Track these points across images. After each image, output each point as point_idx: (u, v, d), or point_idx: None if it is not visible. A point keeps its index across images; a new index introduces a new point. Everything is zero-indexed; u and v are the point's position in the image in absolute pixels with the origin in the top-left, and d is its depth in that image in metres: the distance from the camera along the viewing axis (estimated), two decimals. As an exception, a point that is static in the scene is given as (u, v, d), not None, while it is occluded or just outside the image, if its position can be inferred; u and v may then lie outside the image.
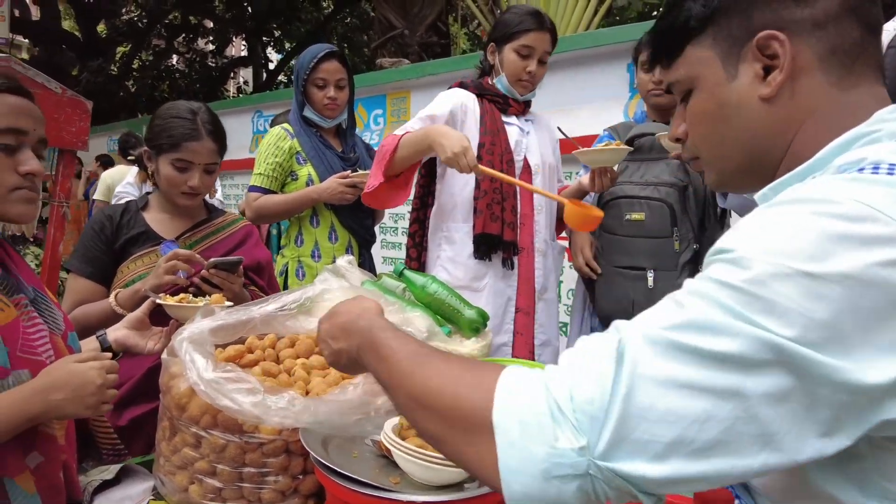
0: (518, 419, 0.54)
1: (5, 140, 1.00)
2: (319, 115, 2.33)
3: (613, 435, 0.51)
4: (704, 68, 0.72)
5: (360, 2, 13.18)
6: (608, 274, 2.02)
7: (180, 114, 1.59)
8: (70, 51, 11.92)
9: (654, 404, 0.50)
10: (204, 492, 0.99)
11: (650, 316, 0.57)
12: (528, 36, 1.96)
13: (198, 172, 1.59)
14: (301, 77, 2.30)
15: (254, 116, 6.36)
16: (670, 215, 1.89)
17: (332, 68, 2.29)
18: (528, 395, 0.55)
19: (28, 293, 1.09)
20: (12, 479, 0.97)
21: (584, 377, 0.54)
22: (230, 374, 0.89)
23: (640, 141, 2.02)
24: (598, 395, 0.52)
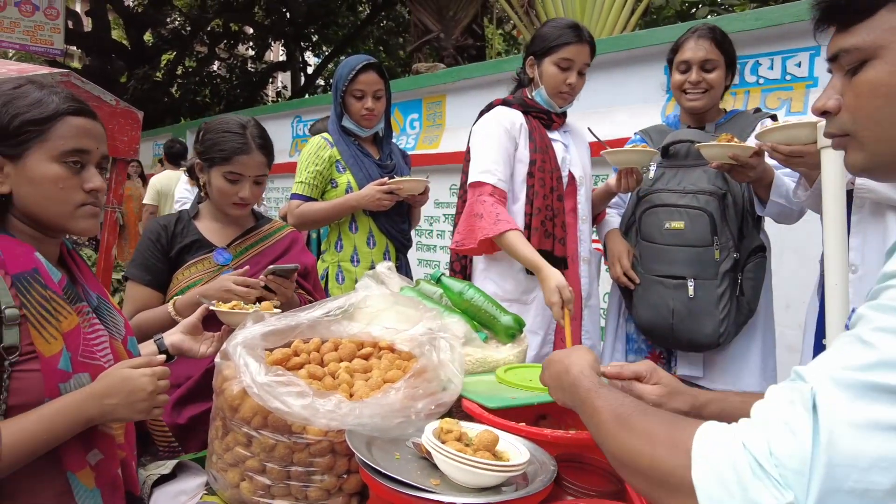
0: (718, 479, 0.54)
1: (73, 159, 1.07)
2: (357, 125, 2.40)
3: (823, 487, 0.49)
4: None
5: (395, 6, 13.31)
6: (647, 283, 1.98)
7: (231, 128, 1.67)
8: (118, 59, 12.38)
9: (861, 451, 0.48)
10: (254, 488, 1.05)
11: (835, 358, 0.54)
12: (567, 49, 1.99)
13: (248, 184, 1.67)
14: (340, 88, 2.36)
15: (293, 121, 6.50)
16: (710, 224, 1.86)
17: (370, 80, 2.34)
18: (725, 454, 0.54)
19: (91, 301, 1.16)
20: (75, 474, 1.04)
21: (780, 431, 0.52)
22: (281, 377, 0.94)
23: (675, 147, 2.00)
24: (798, 449, 0.50)
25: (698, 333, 1.87)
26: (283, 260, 1.75)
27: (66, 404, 1.00)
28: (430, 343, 1.21)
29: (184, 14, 13.85)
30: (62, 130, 1.05)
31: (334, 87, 2.42)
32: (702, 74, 1.97)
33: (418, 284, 1.72)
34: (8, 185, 1.04)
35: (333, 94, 2.43)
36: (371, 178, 2.37)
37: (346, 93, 2.35)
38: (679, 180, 1.96)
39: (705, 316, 1.86)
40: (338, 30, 14.32)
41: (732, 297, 1.87)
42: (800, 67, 3.13)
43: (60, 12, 8.29)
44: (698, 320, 1.87)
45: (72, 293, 1.10)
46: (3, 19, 8.00)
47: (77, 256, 1.23)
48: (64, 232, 1.10)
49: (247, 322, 1.13)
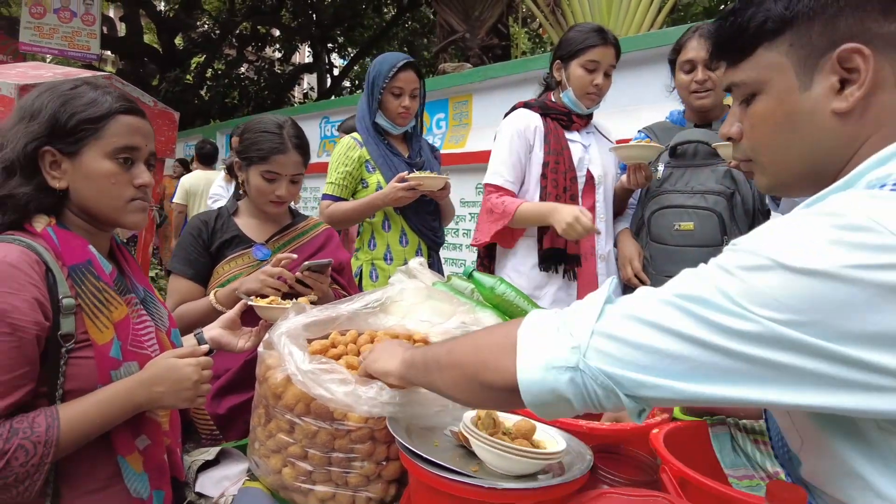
0: (534, 334, 0.71)
1: (124, 156, 1.12)
2: (391, 123, 2.41)
3: (596, 344, 0.65)
4: (776, 74, 0.70)
5: (420, 7, 13.37)
6: (657, 283, 1.94)
7: (268, 128, 1.72)
8: (151, 63, 12.67)
9: (634, 334, 0.63)
10: (296, 474, 1.08)
11: (641, 292, 0.68)
12: (593, 51, 2.07)
13: (284, 183, 1.72)
14: (379, 85, 2.35)
15: (321, 122, 6.59)
16: (720, 224, 1.87)
17: (410, 78, 2.35)
18: (545, 319, 0.72)
19: (139, 293, 1.21)
20: (125, 458, 1.09)
21: (584, 304, 0.69)
22: (325, 365, 0.97)
23: (682, 147, 1.99)
24: (591, 314, 0.67)
25: None
26: (318, 256, 1.79)
27: (118, 391, 1.05)
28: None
29: (213, 17, 14.11)
30: (115, 128, 1.10)
31: (370, 84, 2.40)
32: (707, 73, 1.97)
33: (450, 280, 1.74)
34: (65, 180, 1.09)
35: (368, 90, 2.42)
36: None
37: (384, 90, 2.34)
38: (687, 180, 1.97)
39: None
40: (363, 31, 14.44)
41: None
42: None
43: (97, 18, 8.53)
44: None
45: (121, 285, 1.15)
46: (43, 26, 8.26)
47: (125, 250, 1.28)
48: (116, 225, 1.15)
49: (289, 313, 1.17)
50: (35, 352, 0.99)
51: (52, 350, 1.01)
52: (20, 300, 0.97)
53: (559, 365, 0.66)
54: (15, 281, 0.97)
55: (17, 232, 1.05)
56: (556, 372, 0.66)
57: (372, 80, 2.40)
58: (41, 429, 0.96)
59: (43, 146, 1.07)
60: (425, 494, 0.92)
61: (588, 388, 0.65)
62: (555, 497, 0.89)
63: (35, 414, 0.98)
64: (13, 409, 0.96)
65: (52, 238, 1.05)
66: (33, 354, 0.99)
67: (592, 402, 0.66)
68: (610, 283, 0.73)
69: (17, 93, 2.53)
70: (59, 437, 0.97)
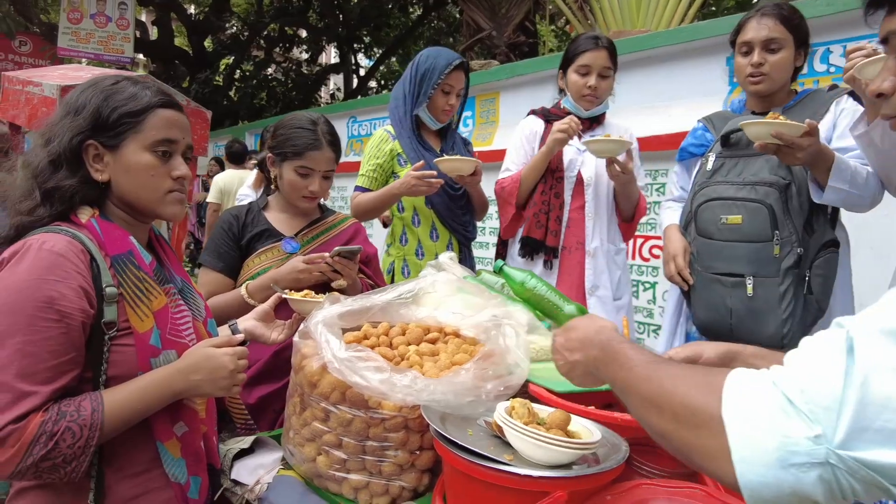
0: (748, 415, 0.55)
1: (162, 149, 1.14)
2: (433, 118, 2.40)
3: (852, 423, 0.50)
4: None
5: (446, 5, 13.38)
6: (704, 280, 1.89)
7: (303, 125, 1.74)
8: (181, 65, 12.93)
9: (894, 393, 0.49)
10: (330, 462, 1.10)
11: (879, 310, 0.55)
12: (584, 56, 2.25)
13: (317, 178, 1.75)
14: (433, 80, 2.31)
15: (348, 121, 6.64)
16: (770, 217, 1.75)
17: (460, 77, 2.36)
18: (756, 391, 0.56)
19: (177, 283, 1.24)
20: (163, 444, 1.12)
21: (813, 370, 0.54)
22: (361, 353, 0.98)
23: (735, 136, 1.87)
24: (830, 386, 0.52)
25: (760, 334, 1.76)
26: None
27: (157, 378, 1.08)
28: (496, 329, 1.23)
29: (241, 19, 14.33)
30: (153, 121, 1.13)
31: (419, 76, 2.35)
32: (764, 55, 1.85)
33: (479, 275, 1.74)
34: (107, 173, 1.12)
35: (414, 82, 2.37)
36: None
37: (437, 86, 2.32)
38: (739, 171, 1.85)
39: (767, 315, 1.76)
40: (389, 31, 14.51)
41: (798, 296, 1.75)
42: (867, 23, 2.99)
43: (131, 23, 8.74)
44: (759, 320, 1.77)
45: (160, 275, 1.18)
46: (80, 31, 8.49)
47: (164, 242, 1.31)
48: (154, 216, 1.18)
49: (325, 303, 1.18)
50: (81, 338, 1.02)
51: (96, 337, 1.04)
52: (67, 288, 1.00)
53: (800, 462, 0.52)
54: (62, 269, 1.00)
55: (63, 223, 1.09)
56: (796, 470, 0.52)
57: (422, 73, 2.35)
58: (87, 412, 0.99)
59: (87, 140, 1.10)
60: (459, 482, 0.92)
61: (842, 484, 0.52)
62: (589, 487, 0.89)
63: (81, 398, 1.01)
64: (61, 392, 1.00)
65: (96, 229, 1.08)
66: (80, 341, 1.02)
67: (845, 496, 0.53)
68: (841, 335, 0.55)
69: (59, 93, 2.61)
70: (103, 421, 1.00)
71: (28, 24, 8.93)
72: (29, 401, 0.96)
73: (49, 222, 1.08)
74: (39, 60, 10.20)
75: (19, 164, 1.14)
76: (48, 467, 0.97)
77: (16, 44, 9.95)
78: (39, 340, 0.97)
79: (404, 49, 15.14)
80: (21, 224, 1.07)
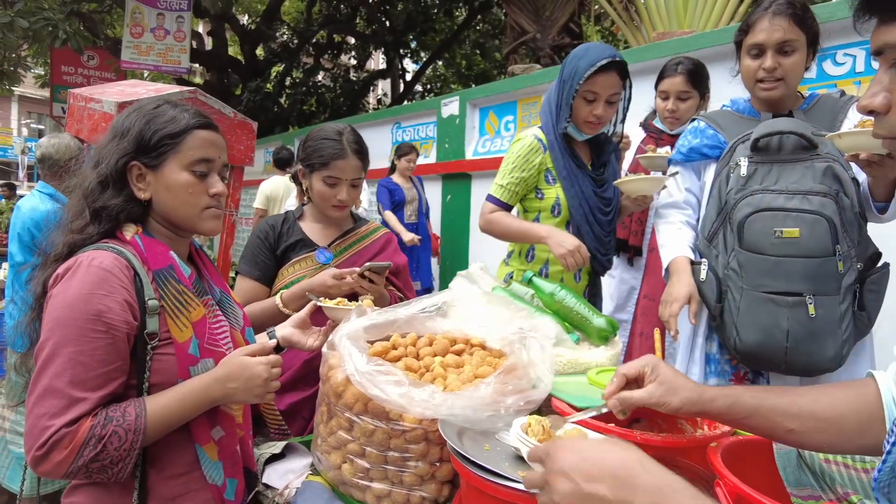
0: None
1: (199, 168, 1.21)
2: (578, 131, 2.07)
3: None
4: None
5: (491, 8, 13.38)
6: (753, 300, 1.70)
7: (328, 136, 1.81)
8: (234, 73, 13.38)
9: None
10: (354, 471, 1.13)
11: None
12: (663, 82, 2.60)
13: (345, 187, 1.80)
14: (572, 87, 1.96)
15: (392, 127, 6.75)
16: (830, 230, 1.60)
17: (609, 82, 1.95)
18: None
19: (215, 294, 1.30)
20: (202, 447, 1.18)
21: None
22: (381, 367, 1.01)
23: (765, 140, 1.72)
24: None
25: (819, 357, 1.63)
26: (377, 259, 1.87)
27: (195, 386, 1.14)
28: (521, 342, 1.24)
29: (291, 28, 14.72)
30: (192, 142, 1.20)
31: (562, 84, 2.03)
32: (778, 59, 1.72)
33: (510, 285, 1.76)
34: (149, 191, 1.19)
35: (558, 88, 2.05)
36: (584, 196, 2.05)
37: (577, 94, 1.96)
38: (775, 178, 1.68)
39: (827, 337, 1.62)
40: (435, 36, 14.61)
41: (853, 314, 1.65)
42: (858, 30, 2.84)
43: (187, 35, 9.11)
44: (819, 342, 1.62)
45: (199, 287, 1.24)
46: (141, 44, 8.92)
47: (203, 255, 1.38)
48: (193, 232, 1.25)
49: (351, 316, 1.22)
50: (126, 348, 1.09)
51: (140, 347, 1.12)
52: (114, 302, 1.07)
53: None
54: (109, 284, 1.08)
55: (110, 240, 1.17)
56: None
57: (563, 78, 2.02)
58: (131, 417, 1.06)
59: (131, 161, 1.18)
60: (475, 497, 0.94)
61: None
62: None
63: (126, 404, 1.08)
64: (109, 398, 1.07)
65: (139, 245, 1.16)
66: (125, 350, 1.09)
67: None
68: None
69: (116, 109, 2.76)
70: (146, 425, 1.07)
71: (95, 40, 9.44)
72: (80, 406, 1.03)
73: (98, 239, 1.16)
74: (105, 73, 10.76)
75: (71, 185, 1.23)
76: (97, 468, 1.04)
77: (84, 58, 10.53)
78: (89, 350, 1.05)
79: (450, 53, 15.21)
80: (73, 242, 1.16)
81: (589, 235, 2.06)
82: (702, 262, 1.85)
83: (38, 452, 1.01)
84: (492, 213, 2.14)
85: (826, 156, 1.66)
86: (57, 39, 7.65)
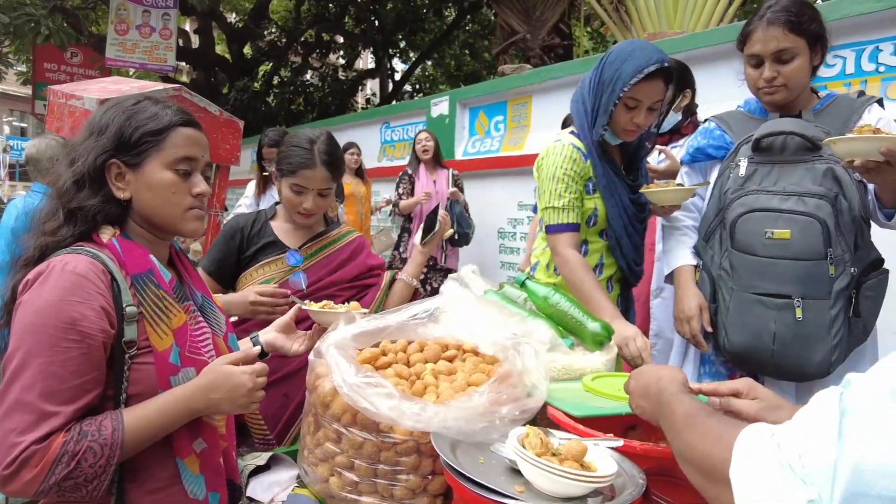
0: (751, 475, 0.58)
1: (183, 167, 1.16)
2: (614, 135, 1.92)
3: (848, 489, 0.49)
4: None
5: (481, 9, 13.36)
6: (741, 301, 1.70)
7: (300, 143, 1.78)
8: (221, 72, 13.26)
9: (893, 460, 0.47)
10: (343, 484, 1.08)
11: (883, 368, 0.53)
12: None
13: (311, 196, 1.77)
14: (615, 93, 1.80)
15: (381, 127, 6.69)
16: (823, 233, 1.58)
17: (654, 90, 1.80)
18: (760, 452, 0.58)
19: (197, 300, 1.25)
20: (182, 460, 1.13)
21: (810, 432, 0.55)
22: (370, 379, 0.97)
23: (768, 141, 1.70)
24: (823, 450, 0.52)
25: (807, 361, 1.62)
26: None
27: (177, 396, 1.09)
28: (515, 348, 1.20)
29: (280, 26, 14.60)
30: (175, 140, 1.15)
31: (599, 85, 1.87)
32: (776, 68, 1.71)
33: (502, 288, 1.71)
34: (129, 191, 1.14)
35: (595, 90, 1.89)
36: (622, 206, 1.92)
37: (619, 101, 1.81)
38: (775, 179, 1.67)
39: (816, 342, 1.61)
40: (424, 35, 14.57)
41: (845, 320, 1.61)
42: None
43: (173, 32, 9.01)
44: (807, 346, 1.61)
45: (180, 292, 1.19)
46: (126, 42, 8.81)
47: (184, 258, 1.32)
48: (175, 233, 1.19)
49: (339, 323, 1.17)
50: (102, 358, 1.04)
51: (117, 356, 1.06)
52: (89, 309, 1.02)
53: None
54: (84, 290, 1.02)
55: (85, 243, 1.11)
56: None
57: (602, 81, 1.86)
58: (108, 432, 1.00)
59: (110, 159, 1.12)
60: (470, 513, 0.90)
61: None
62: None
63: (102, 417, 1.02)
64: (83, 411, 1.01)
65: (117, 248, 1.10)
66: (101, 360, 1.04)
67: None
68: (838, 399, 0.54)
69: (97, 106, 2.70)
70: (123, 440, 1.01)
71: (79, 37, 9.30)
72: (52, 421, 0.97)
73: (72, 242, 1.10)
74: (89, 71, 10.61)
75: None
76: (70, 486, 0.98)
77: (68, 55, 10.38)
78: (62, 361, 0.99)
79: (439, 53, 15.17)
80: (45, 245, 1.10)
81: (627, 246, 1.95)
82: (699, 264, 1.84)
83: (5, 471, 0.95)
84: (568, 251, 1.88)
85: (829, 157, 1.62)
86: (39, 35, 7.53)
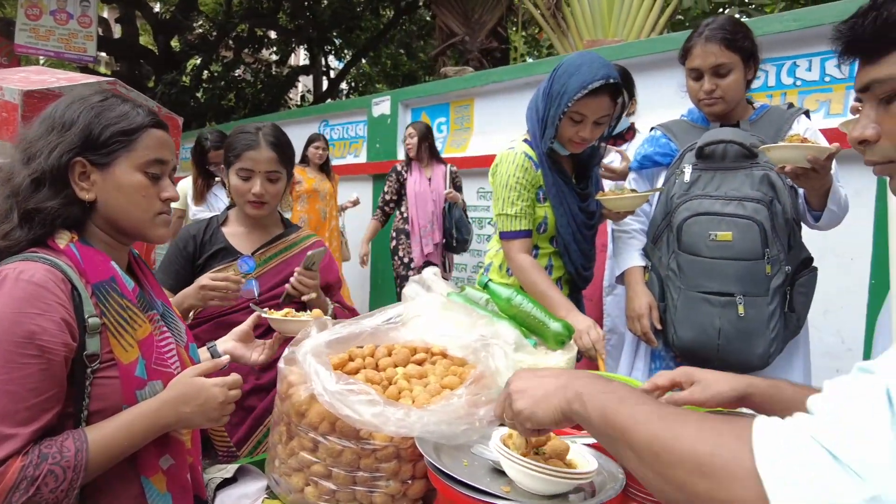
0: (787, 471, 0.51)
1: (153, 170, 1.11)
2: (562, 146, 1.94)
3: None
4: None
5: (419, 9, 13.36)
6: (689, 299, 1.81)
7: (245, 129, 1.75)
8: (147, 65, 12.62)
9: None
10: (319, 493, 1.07)
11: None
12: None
13: (259, 179, 1.71)
14: (559, 108, 1.81)
15: (320, 125, 6.57)
16: (761, 235, 1.71)
17: (599, 106, 1.80)
18: (793, 447, 0.52)
19: (158, 308, 1.19)
20: (148, 478, 1.07)
21: (857, 425, 0.50)
22: (352, 386, 0.96)
23: (710, 148, 1.83)
24: (881, 441, 0.48)
25: (749, 355, 1.75)
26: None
27: (144, 412, 1.04)
28: (485, 349, 1.22)
29: (210, 19, 14.06)
30: (147, 141, 1.10)
31: (548, 98, 1.88)
32: (715, 81, 1.83)
33: (464, 290, 1.73)
34: (94, 192, 1.07)
35: (545, 107, 1.89)
36: (571, 214, 1.94)
37: (564, 115, 1.81)
38: (717, 185, 1.79)
39: (757, 336, 1.73)
40: (360, 34, 14.40)
41: (781, 314, 1.75)
42: (839, 69, 3.08)
43: (93, 20, 8.49)
44: (749, 341, 1.74)
45: (143, 301, 1.13)
46: (39, 28, 8.22)
47: (143, 264, 1.26)
48: (141, 239, 1.14)
49: (311, 329, 1.16)
50: (63, 373, 0.98)
51: (78, 370, 1.00)
52: (48, 321, 0.95)
53: None
54: (43, 301, 0.95)
55: (40, 249, 1.03)
56: None
57: (551, 93, 1.86)
58: (70, 453, 0.94)
59: (76, 157, 1.05)
60: (457, 515, 0.91)
61: None
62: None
63: (63, 438, 0.96)
64: (42, 432, 0.95)
65: (76, 255, 1.04)
66: (61, 376, 0.97)
67: None
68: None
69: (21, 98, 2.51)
70: (87, 461, 0.95)
71: (-17, 21, 8.62)
72: (8, 444, 0.90)
73: (25, 248, 1.03)
74: (-3, 58, 9.84)
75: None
76: None
77: (-30, 41, 9.57)
78: (18, 378, 0.92)
79: (376, 52, 15.05)
80: None
81: (575, 252, 1.99)
82: (648, 265, 1.94)
83: None
84: (520, 256, 1.92)
85: (765, 164, 1.77)
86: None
